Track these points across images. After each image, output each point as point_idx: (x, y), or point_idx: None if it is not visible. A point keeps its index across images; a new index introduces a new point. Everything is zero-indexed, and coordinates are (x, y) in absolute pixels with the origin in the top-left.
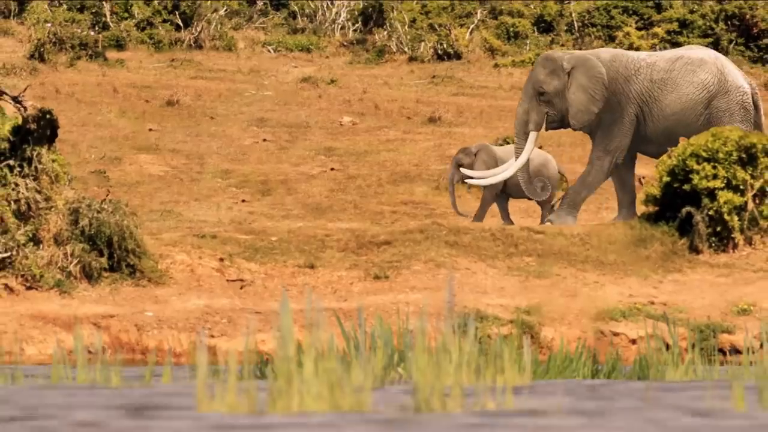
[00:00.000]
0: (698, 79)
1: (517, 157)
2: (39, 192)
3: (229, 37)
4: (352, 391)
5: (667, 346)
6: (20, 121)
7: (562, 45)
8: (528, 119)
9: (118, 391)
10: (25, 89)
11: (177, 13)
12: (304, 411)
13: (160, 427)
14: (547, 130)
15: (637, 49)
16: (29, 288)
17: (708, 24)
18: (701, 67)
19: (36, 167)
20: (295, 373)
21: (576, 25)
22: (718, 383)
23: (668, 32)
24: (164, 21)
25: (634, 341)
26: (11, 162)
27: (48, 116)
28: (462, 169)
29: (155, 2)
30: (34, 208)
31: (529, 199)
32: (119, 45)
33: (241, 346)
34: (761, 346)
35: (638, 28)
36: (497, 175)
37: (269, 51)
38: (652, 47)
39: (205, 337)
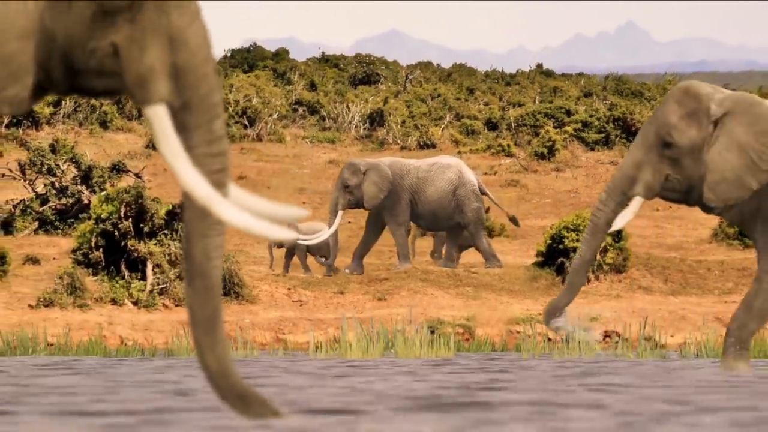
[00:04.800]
0: (447, 177)
1: (330, 226)
2: (181, 249)
3: (280, 133)
4: (371, 350)
5: (549, 339)
6: (170, 207)
7: (503, 138)
8: (338, 202)
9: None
10: (143, 168)
11: (245, 116)
12: (352, 358)
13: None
14: (349, 208)
15: (554, 141)
16: (177, 305)
17: (602, 124)
18: (449, 169)
19: (180, 234)
20: (347, 345)
21: (513, 125)
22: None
23: (575, 129)
24: (236, 122)
25: (529, 336)
26: (166, 231)
27: None
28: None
29: (230, 109)
30: (180, 258)
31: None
32: None
33: (301, 339)
34: (603, 340)
35: (555, 127)
36: (317, 238)
37: (307, 142)
38: (564, 140)
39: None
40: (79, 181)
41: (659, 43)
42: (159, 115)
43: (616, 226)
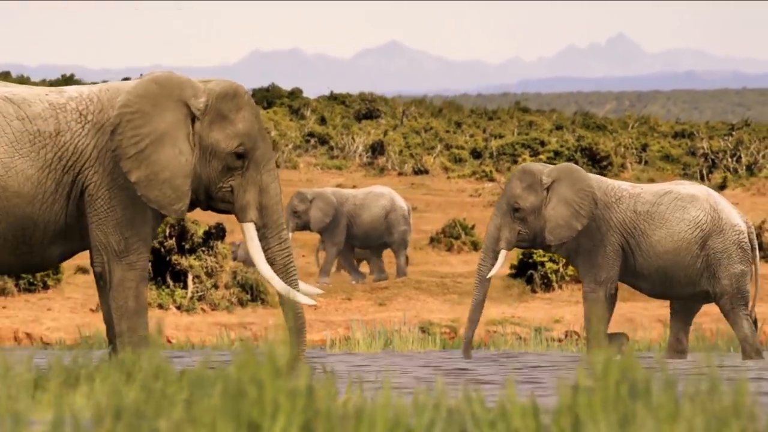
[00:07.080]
0: (380, 203)
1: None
2: (216, 263)
3: (294, 161)
4: (374, 346)
5: (520, 337)
6: (207, 228)
7: (486, 165)
8: (287, 226)
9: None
10: None
11: None
12: (359, 352)
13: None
14: (296, 230)
15: None
16: (213, 309)
17: (571, 153)
18: (382, 197)
19: (215, 251)
20: (355, 342)
21: (495, 154)
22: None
23: (548, 158)
24: None
25: (502, 335)
26: (203, 248)
27: (220, 225)
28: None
29: None
30: (214, 270)
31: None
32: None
33: (315, 338)
34: (565, 338)
35: (530, 155)
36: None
37: (318, 169)
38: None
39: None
40: None
41: (649, 54)
42: (250, 228)
43: (490, 274)
